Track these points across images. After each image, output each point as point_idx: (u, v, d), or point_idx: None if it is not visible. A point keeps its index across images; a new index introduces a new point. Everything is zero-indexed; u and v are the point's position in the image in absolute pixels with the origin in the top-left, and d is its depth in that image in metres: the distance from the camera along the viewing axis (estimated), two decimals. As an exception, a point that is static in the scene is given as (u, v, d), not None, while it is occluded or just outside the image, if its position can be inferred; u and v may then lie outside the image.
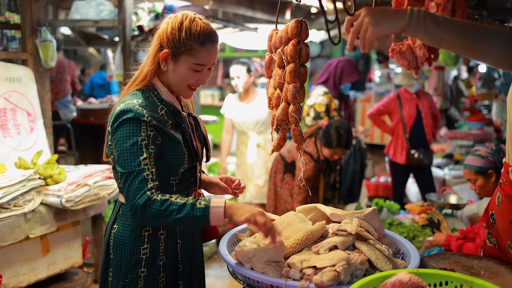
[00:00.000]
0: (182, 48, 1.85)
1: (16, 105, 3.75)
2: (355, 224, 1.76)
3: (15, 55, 3.99)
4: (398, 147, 5.49)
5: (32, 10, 3.94)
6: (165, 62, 1.89)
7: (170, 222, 1.69)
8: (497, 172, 2.83)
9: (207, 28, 1.88)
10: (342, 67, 5.14)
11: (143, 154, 1.75)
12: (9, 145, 3.63)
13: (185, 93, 1.97)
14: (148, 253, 1.91)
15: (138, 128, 1.78)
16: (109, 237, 1.96)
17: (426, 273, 1.53)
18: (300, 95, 1.95)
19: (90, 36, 6.45)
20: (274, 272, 1.62)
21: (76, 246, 3.75)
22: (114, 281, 1.93)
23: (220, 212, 1.70)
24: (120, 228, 1.94)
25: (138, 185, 1.72)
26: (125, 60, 5.07)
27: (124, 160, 1.75)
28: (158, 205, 1.68)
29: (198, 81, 1.92)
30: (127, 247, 1.91)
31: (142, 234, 1.90)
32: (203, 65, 1.90)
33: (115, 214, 1.99)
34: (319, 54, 13.07)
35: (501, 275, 1.89)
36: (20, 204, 3.19)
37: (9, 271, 3.23)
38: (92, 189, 3.61)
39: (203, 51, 1.87)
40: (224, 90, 11.02)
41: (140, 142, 1.76)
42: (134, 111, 1.79)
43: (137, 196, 1.70)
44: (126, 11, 4.98)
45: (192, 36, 1.84)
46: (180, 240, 1.98)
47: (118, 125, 1.80)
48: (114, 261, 1.94)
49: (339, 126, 3.99)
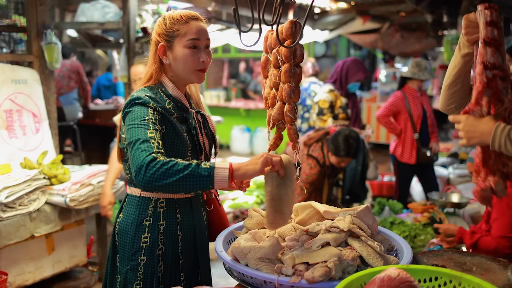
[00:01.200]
0: (172, 33, 2.00)
1: (22, 106, 3.82)
2: (347, 221, 1.79)
3: (21, 57, 4.06)
4: (407, 147, 5.37)
5: (38, 13, 4.01)
6: (164, 55, 2.03)
7: (174, 180, 1.69)
8: None
9: (186, 11, 2.04)
10: (347, 67, 5.17)
11: (150, 129, 1.84)
12: (15, 145, 3.70)
13: (194, 77, 2.05)
14: (148, 242, 2.01)
15: (146, 111, 1.89)
16: (115, 225, 2.11)
17: (415, 269, 1.56)
18: (295, 95, 1.98)
19: (95, 38, 6.51)
20: (268, 268, 1.66)
21: (80, 245, 3.80)
22: (121, 266, 2.08)
23: (224, 173, 1.72)
24: (124, 217, 2.07)
25: (145, 148, 1.76)
26: (129, 62, 5.11)
27: (131, 133, 1.83)
28: (163, 163, 1.71)
29: (201, 59, 2.01)
30: (129, 235, 2.03)
31: (143, 223, 2.02)
32: (196, 39, 2.00)
33: (122, 204, 2.14)
34: (325, 54, 13.08)
35: (493, 271, 1.91)
36: (25, 204, 3.24)
37: (14, 269, 3.29)
38: (96, 188, 3.66)
39: (189, 27, 2.00)
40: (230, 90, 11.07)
41: (147, 120, 1.86)
42: (142, 98, 1.92)
43: (142, 156, 1.74)
44: (130, 13, 5.03)
45: (175, 20, 2.00)
46: (181, 232, 2.06)
47: (127, 109, 1.93)
48: (120, 248, 2.09)
49: (348, 136, 3.98)
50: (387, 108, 5.42)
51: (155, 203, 2.03)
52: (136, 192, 2.06)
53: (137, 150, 1.76)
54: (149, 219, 2.02)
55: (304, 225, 1.99)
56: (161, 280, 2.03)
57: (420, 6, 6.40)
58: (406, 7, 7.20)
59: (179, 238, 2.06)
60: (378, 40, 9.03)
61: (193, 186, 1.71)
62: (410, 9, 7.34)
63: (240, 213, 5.25)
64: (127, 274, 2.03)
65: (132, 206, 2.06)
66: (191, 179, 1.70)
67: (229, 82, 12.46)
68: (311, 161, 4.09)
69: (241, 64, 12.59)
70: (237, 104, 10.54)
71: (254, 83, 12.26)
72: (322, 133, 4.23)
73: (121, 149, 2.11)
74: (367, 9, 7.27)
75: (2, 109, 3.67)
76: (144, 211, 2.03)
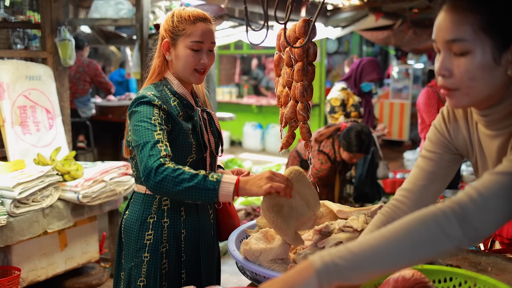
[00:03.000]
0: (177, 31, 2.00)
1: (36, 102, 3.84)
2: (361, 220, 1.78)
3: (35, 53, 4.09)
4: None
5: (52, 9, 4.03)
6: (168, 52, 2.05)
7: (180, 190, 1.70)
8: None
9: (195, 11, 2.03)
10: (363, 66, 5.14)
11: (157, 130, 1.84)
12: (28, 141, 3.72)
13: (193, 77, 2.05)
14: (152, 239, 2.03)
15: (152, 110, 1.90)
16: (121, 222, 2.13)
17: (429, 269, 1.54)
18: (308, 93, 1.97)
19: (109, 34, 6.54)
20: (281, 269, 1.65)
21: (93, 241, 3.82)
22: (125, 263, 2.09)
23: (229, 188, 1.70)
24: (130, 214, 2.09)
25: (153, 152, 1.77)
26: (142, 58, 5.13)
27: (139, 134, 1.84)
28: (171, 171, 1.72)
29: (201, 61, 2.01)
30: (134, 232, 2.05)
31: (148, 220, 2.04)
32: (199, 42, 1.99)
33: (128, 201, 2.15)
34: (337, 51, 13.03)
35: (508, 271, 1.89)
36: (38, 200, 3.27)
37: (27, 265, 3.31)
38: (109, 185, 3.68)
39: (195, 29, 1.99)
40: (242, 87, 11.07)
41: (153, 121, 1.86)
42: (148, 97, 1.93)
43: (150, 160, 1.74)
44: (143, 10, 5.04)
45: (182, 18, 2.00)
46: (185, 230, 2.07)
47: (134, 108, 1.94)
48: (124, 245, 2.11)
49: (360, 131, 3.96)
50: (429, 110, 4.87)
51: (160, 200, 2.04)
52: (141, 189, 2.07)
53: (145, 154, 1.77)
54: (153, 216, 2.04)
55: (317, 224, 1.98)
56: (165, 277, 2.04)
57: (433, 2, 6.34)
58: (419, 4, 7.14)
59: (182, 236, 2.06)
60: (390, 37, 8.98)
61: (198, 197, 1.71)
62: (423, 6, 7.27)
63: (252, 210, 5.25)
64: (131, 271, 2.05)
65: (138, 203, 2.08)
66: (196, 191, 1.70)
67: (241, 78, 12.45)
68: (322, 157, 4.07)
69: (253, 60, 12.57)
70: (249, 101, 10.54)
71: (266, 79, 12.24)
72: (333, 129, 4.22)
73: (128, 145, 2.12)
74: (379, 5, 7.22)
75: (16, 105, 3.70)
76: (149, 208, 2.04)
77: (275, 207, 1.69)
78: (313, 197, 1.81)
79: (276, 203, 1.69)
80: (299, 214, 1.74)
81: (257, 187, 1.69)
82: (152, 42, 5.15)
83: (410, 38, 8.96)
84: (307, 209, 1.77)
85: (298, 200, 1.75)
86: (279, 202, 1.70)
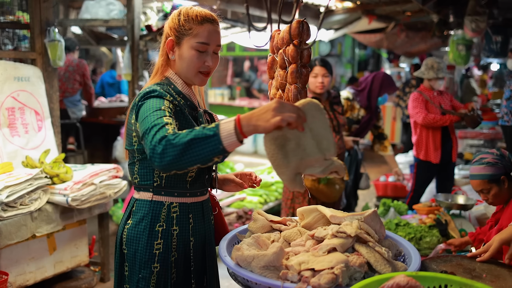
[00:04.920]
0: (183, 30, 1.93)
1: (25, 104, 3.78)
2: (354, 226, 1.75)
3: (24, 54, 4.03)
4: (430, 145, 5.14)
5: (41, 10, 3.98)
6: (171, 51, 1.97)
7: (181, 150, 1.55)
8: (509, 178, 2.75)
9: (203, 11, 1.96)
10: (381, 79, 5.06)
11: (166, 115, 1.73)
12: (17, 143, 3.66)
13: (197, 79, 1.99)
14: (161, 248, 1.92)
15: (162, 102, 1.81)
16: (122, 232, 1.99)
17: (424, 276, 1.52)
18: (302, 96, 1.95)
19: (100, 35, 6.47)
20: (273, 276, 1.62)
21: (82, 245, 3.77)
22: (130, 275, 1.97)
23: (230, 127, 1.52)
24: (135, 223, 1.96)
25: (155, 132, 1.64)
26: (133, 60, 5.08)
27: (147, 121, 1.71)
28: (170, 137, 1.58)
29: (206, 63, 1.95)
30: (142, 242, 1.93)
31: (156, 229, 1.92)
32: (205, 43, 1.93)
33: (129, 209, 2.01)
34: (329, 53, 13.03)
35: (503, 278, 1.87)
36: (26, 203, 3.21)
37: (15, 269, 3.26)
38: (98, 188, 3.63)
39: (202, 29, 1.93)
40: (234, 89, 11.04)
41: (163, 108, 1.77)
42: (158, 91, 1.84)
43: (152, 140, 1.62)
44: (134, 11, 4.99)
45: (189, 18, 1.93)
46: (193, 238, 1.99)
47: (143, 101, 1.83)
48: (128, 256, 1.97)
49: None
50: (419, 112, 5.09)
51: (168, 207, 1.94)
52: (146, 196, 1.95)
53: (151, 135, 1.64)
54: (162, 224, 1.93)
55: (310, 229, 1.95)
56: (174, 287, 1.97)
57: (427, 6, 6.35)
58: (412, 7, 7.14)
59: (191, 244, 1.98)
60: (383, 40, 8.98)
61: (201, 151, 1.54)
62: (416, 9, 7.28)
63: (243, 213, 5.20)
64: (138, 283, 1.94)
65: (143, 212, 1.94)
66: (197, 145, 1.54)
67: (233, 80, 12.42)
68: None
69: (245, 62, 12.54)
70: (241, 103, 10.51)
71: (258, 81, 12.22)
72: None
73: (127, 150, 2.00)
74: (372, 8, 7.22)
75: (4, 107, 3.64)
76: (157, 216, 1.93)
77: (279, 139, 1.52)
78: (327, 138, 1.60)
79: (282, 135, 1.52)
80: (306, 154, 1.56)
81: (264, 121, 1.49)
82: (143, 43, 5.11)
83: (402, 41, 8.97)
84: (317, 150, 1.57)
85: (308, 137, 1.56)
86: (285, 134, 1.52)
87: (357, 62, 14.40)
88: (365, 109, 5.02)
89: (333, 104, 4.10)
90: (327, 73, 3.95)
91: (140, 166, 1.94)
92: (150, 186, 1.94)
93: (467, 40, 7.10)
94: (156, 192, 1.93)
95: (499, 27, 7.46)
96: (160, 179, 1.92)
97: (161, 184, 1.92)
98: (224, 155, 1.56)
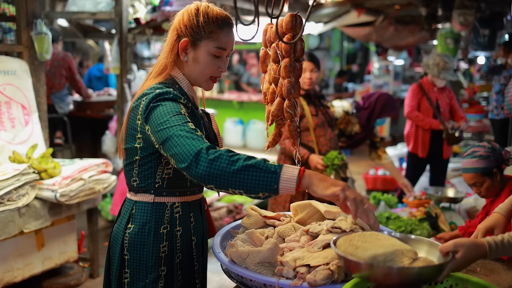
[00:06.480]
0: (202, 32, 1.81)
1: (11, 98, 3.72)
2: (349, 221, 1.74)
3: (10, 47, 3.96)
4: (419, 139, 5.20)
5: (28, 2, 3.90)
6: (184, 52, 1.84)
7: (236, 170, 1.49)
8: (500, 170, 2.76)
9: (223, 13, 1.87)
10: (385, 101, 5.02)
11: (190, 122, 1.66)
12: (3, 138, 3.60)
13: (206, 84, 1.91)
14: (167, 250, 1.86)
15: (178, 106, 1.71)
16: (123, 238, 1.88)
17: (421, 272, 1.51)
18: (295, 90, 1.92)
19: (87, 28, 6.39)
20: (268, 272, 1.60)
21: (71, 241, 3.73)
22: (132, 282, 1.87)
23: (294, 172, 1.48)
24: (138, 227, 1.86)
25: (196, 137, 1.57)
26: (121, 53, 5.03)
27: (171, 124, 1.63)
28: (224, 151, 1.53)
29: (219, 69, 1.88)
30: (147, 246, 1.84)
31: (161, 231, 1.85)
32: (223, 49, 1.85)
33: (128, 213, 1.89)
34: (318, 47, 13.03)
35: (497, 272, 1.87)
36: (14, 199, 3.16)
37: (3, 266, 3.21)
38: (87, 183, 3.59)
39: (222, 34, 1.83)
40: (223, 82, 10.98)
41: (183, 113, 1.69)
42: (172, 93, 1.74)
43: (197, 143, 1.55)
44: (122, 4, 4.93)
45: (210, 19, 1.82)
46: (195, 237, 1.94)
47: (157, 104, 1.71)
48: (131, 262, 1.87)
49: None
50: (410, 104, 5.22)
51: (171, 208, 1.87)
52: (147, 198, 1.86)
53: (186, 139, 1.56)
54: (166, 226, 1.85)
55: (304, 224, 1.93)
56: None
57: (415, -1, 6.38)
58: (401, 0, 7.16)
59: (193, 244, 1.93)
60: (372, 33, 8.99)
61: (255, 180, 1.48)
62: (404, 2, 7.29)
63: (234, 207, 5.19)
64: None
65: (146, 214, 1.85)
66: (254, 171, 1.48)
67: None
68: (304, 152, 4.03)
69: (234, 56, 12.49)
70: (230, 96, 10.46)
71: (247, 75, 12.19)
72: None
73: (125, 149, 1.88)
74: (362, 2, 7.21)
75: (-9, 101, 3.57)
76: (161, 218, 1.85)
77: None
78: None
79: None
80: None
81: (322, 188, 1.49)
82: (131, 36, 5.05)
83: (391, 35, 8.99)
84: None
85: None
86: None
87: (345, 55, 14.43)
88: (361, 127, 4.97)
89: (321, 99, 4.07)
90: (315, 68, 3.89)
91: (140, 166, 1.84)
92: (151, 187, 1.85)
93: (455, 33, 7.13)
94: (158, 194, 1.85)
95: (487, 20, 7.49)
96: (162, 180, 1.84)
97: (163, 184, 1.84)
98: (270, 195, 1.52)
